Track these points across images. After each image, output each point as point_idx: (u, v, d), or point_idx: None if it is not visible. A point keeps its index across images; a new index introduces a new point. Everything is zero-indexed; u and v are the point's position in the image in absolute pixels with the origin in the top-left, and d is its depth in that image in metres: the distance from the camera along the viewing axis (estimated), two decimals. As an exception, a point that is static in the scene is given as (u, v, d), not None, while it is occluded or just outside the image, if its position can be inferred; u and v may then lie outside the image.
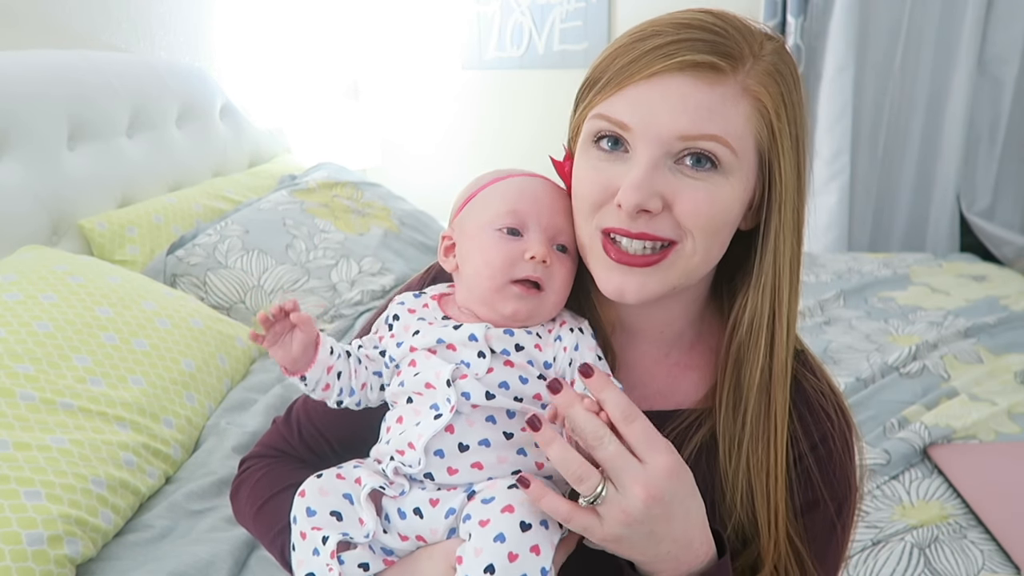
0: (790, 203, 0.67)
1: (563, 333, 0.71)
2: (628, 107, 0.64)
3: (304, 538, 0.67)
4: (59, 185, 1.75)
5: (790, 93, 0.66)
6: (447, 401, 0.66)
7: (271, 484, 0.80)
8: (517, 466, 0.66)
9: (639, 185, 0.63)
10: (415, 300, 0.76)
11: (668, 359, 0.77)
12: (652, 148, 0.63)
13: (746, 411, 0.70)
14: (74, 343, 1.31)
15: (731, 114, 0.63)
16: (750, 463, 0.70)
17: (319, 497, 0.68)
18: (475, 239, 0.72)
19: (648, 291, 0.67)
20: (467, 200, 0.75)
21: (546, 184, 0.74)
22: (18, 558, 0.99)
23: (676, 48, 0.63)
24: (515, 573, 0.59)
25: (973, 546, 1.20)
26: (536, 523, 0.61)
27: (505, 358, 0.68)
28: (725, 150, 0.63)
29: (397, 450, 0.68)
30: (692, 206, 0.64)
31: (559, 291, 0.71)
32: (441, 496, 0.66)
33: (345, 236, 2.09)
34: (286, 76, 2.96)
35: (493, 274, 0.69)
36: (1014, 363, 1.75)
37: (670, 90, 0.63)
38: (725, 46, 0.63)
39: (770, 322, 0.70)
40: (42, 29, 1.94)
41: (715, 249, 0.68)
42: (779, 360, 0.70)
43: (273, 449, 0.85)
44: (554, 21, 3.09)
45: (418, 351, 0.70)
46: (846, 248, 2.89)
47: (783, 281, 0.69)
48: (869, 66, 2.83)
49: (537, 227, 0.71)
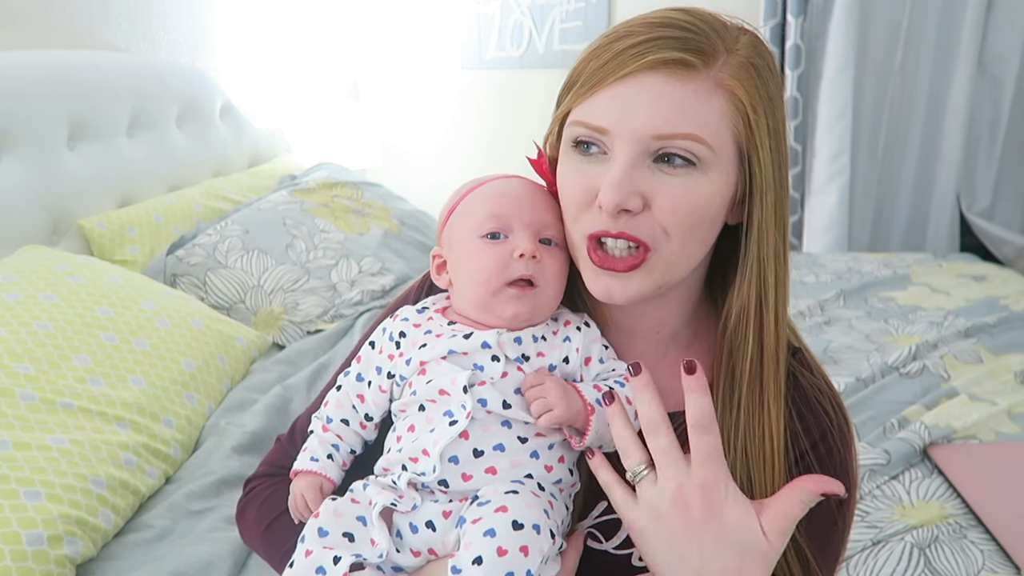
0: (771, 194, 0.68)
1: (571, 333, 0.72)
2: (603, 110, 0.65)
3: (308, 556, 0.64)
4: (59, 185, 1.75)
5: (766, 85, 0.67)
6: (462, 408, 0.66)
7: (279, 503, 0.80)
8: (529, 470, 0.66)
9: (618, 183, 0.64)
10: (419, 315, 0.75)
11: (666, 359, 0.78)
12: (629, 147, 0.64)
13: (739, 401, 0.71)
14: (74, 343, 1.31)
15: (705, 110, 0.64)
16: (748, 453, 0.70)
17: (332, 518, 0.67)
18: (463, 250, 0.72)
19: (633, 292, 0.68)
20: (448, 214, 0.76)
21: (524, 182, 0.75)
22: (18, 558, 0.99)
23: (647, 47, 0.64)
24: (502, 569, 0.59)
25: (973, 546, 1.20)
26: (528, 525, 0.61)
27: (518, 364, 0.69)
28: (701, 147, 0.64)
29: (410, 458, 0.67)
30: (671, 203, 0.65)
31: (553, 284, 0.72)
32: (453, 508, 0.66)
33: (345, 236, 2.09)
34: (286, 76, 2.96)
35: (487, 280, 0.70)
36: (1014, 363, 1.75)
37: (643, 89, 0.64)
38: (696, 42, 0.64)
39: (757, 312, 0.70)
40: (42, 29, 1.94)
41: (695, 246, 0.68)
42: (768, 349, 0.71)
43: (278, 467, 0.85)
44: (554, 21, 3.09)
45: (429, 362, 0.70)
46: (846, 248, 2.89)
47: (768, 271, 0.70)
48: (869, 66, 2.83)
49: (521, 225, 0.71)
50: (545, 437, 0.68)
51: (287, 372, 1.66)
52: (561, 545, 0.65)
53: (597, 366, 0.72)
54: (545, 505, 0.64)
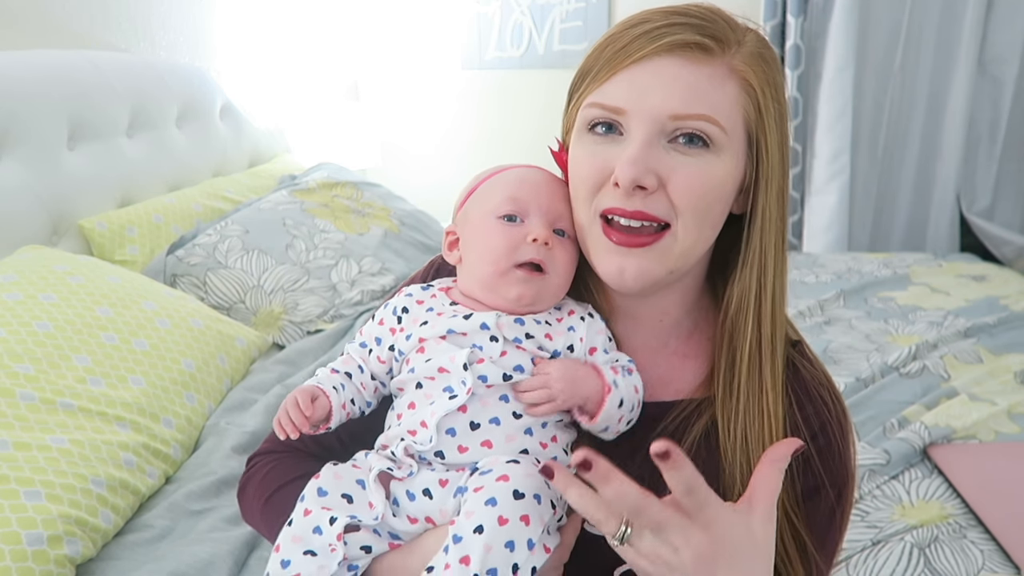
0: (775, 181, 0.70)
1: (575, 323, 0.73)
2: (621, 91, 0.67)
3: (307, 515, 0.67)
4: (59, 185, 1.75)
5: (774, 76, 0.70)
6: (462, 384, 0.67)
7: (280, 476, 0.81)
8: (524, 445, 0.68)
9: (635, 160, 0.65)
10: (423, 292, 0.77)
11: (667, 348, 0.79)
12: (646, 126, 0.66)
13: (739, 387, 0.72)
14: (74, 343, 1.31)
15: (719, 93, 0.66)
16: (748, 438, 0.71)
17: (333, 480, 0.69)
18: (478, 228, 0.74)
19: (647, 274, 0.69)
20: (469, 194, 0.77)
21: (544, 173, 0.77)
22: (18, 558, 0.99)
23: (664, 31, 0.66)
24: (503, 537, 0.59)
25: (973, 546, 1.20)
26: (529, 495, 0.62)
27: (517, 344, 0.70)
28: (715, 129, 0.66)
29: (408, 430, 0.69)
30: (686, 183, 0.66)
31: (561, 274, 0.73)
32: (450, 476, 0.67)
33: (345, 236, 2.09)
34: (286, 76, 2.96)
35: (497, 259, 0.71)
36: (1014, 363, 1.75)
37: (660, 71, 0.66)
38: (711, 29, 0.67)
39: (757, 299, 0.72)
40: (42, 29, 1.94)
41: (708, 229, 0.70)
42: (766, 335, 0.72)
43: (280, 444, 0.85)
44: (554, 21, 3.09)
45: (428, 340, 0.71)
46: (846, 248, 2.89)
47: (768, 257, 0.72)
48: (869, 66, 2.83)
49: (538, 212, 0.73)
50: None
51: (287, 372, 1.66)
52: (561, 517, 0.66)
53: (602, 356, 0.73)
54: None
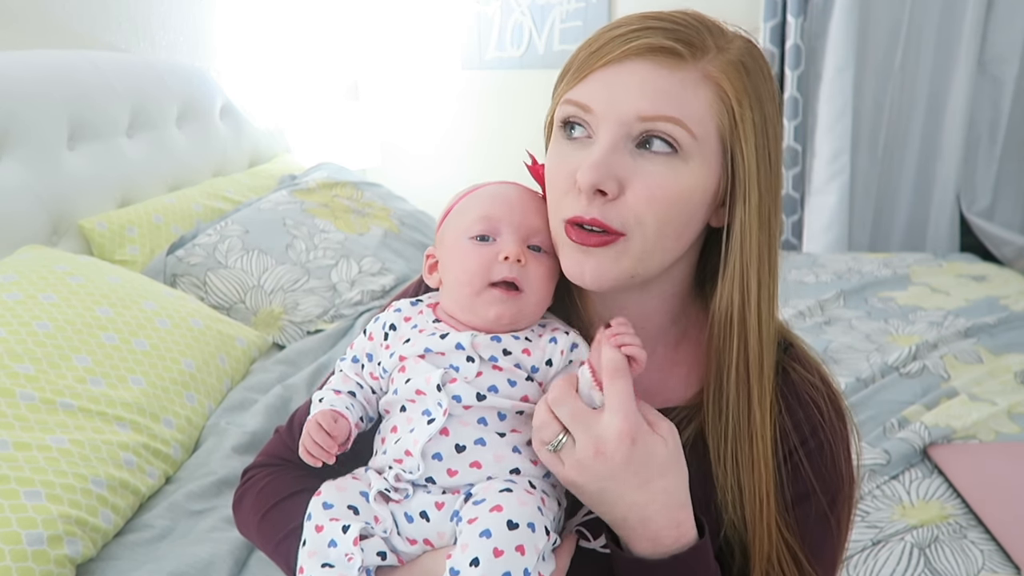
0: (755, 196, 0.67)
1: (558, 336, 0.72)
2: (592, 90, 0.67)
3: (320, 531, 0.67)
4: (59, 185, 1.75)
5: (756, 86, 0.67)
6: (439, 405, 0.67)
7: (276, 491, 0.80)
8: (515, 464, 0.67)
9: (596, 164, 0.64)
10: (411, 308, 0.77)
11: (654, 355, 0.77)
12: (612, 129, 0.65)
13: (727, 407, 0.71)
14: (74, 343, 1.31)
15: (691, 98, 0.65)
16: (738, 459, 0.70)
17: (336, 493, 0.69)
18: (452, 250, 0.74)
19: (603, 274, 0.68)
20: (445, 215, 0.77)
21: (518, 188, 0.76)
22: (18, 558, 0.99)
23: (639, 35, 0.65)
24: (500, 569, 0.59)
25: (973, 546, 1.20)
26: (524, 524, 0.61)
27: (493, 363, 0.69)
28: (684, 133, 0.64)
29: (395, 459, 0.68)
30: (646, 190, 0.65)
31: (538, 290, 0.72)
32: (446, 500, 0.67)
33: (345, 236, 2.09)
34: (286, 76, 2.96)
35: (471, 280, 0.71)
36: (1014, 363, 1.75)
37: (631, 73, 0.65)
38: (686, 34, 0.66)
39: (741, 316, 0.70)
40: (42, 29, 1.94)
41: (669, 239, 0.68)
42: (753, 354, 0.70)
43: (276, 458, 0.85)
44: (554, 21, 3.09)
45: (408, 359, 0.71)
46: (846, 248, 2.89)
47: (751, 274, 0.69)
48: (869, 66, 2.83)
49: (510, 229, 0.72)
50: (520, 433, 0.69)
51: (287, 372, 1.66)
52: (555, 541, 0.65)
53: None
54: (539, 502, 0.64)
